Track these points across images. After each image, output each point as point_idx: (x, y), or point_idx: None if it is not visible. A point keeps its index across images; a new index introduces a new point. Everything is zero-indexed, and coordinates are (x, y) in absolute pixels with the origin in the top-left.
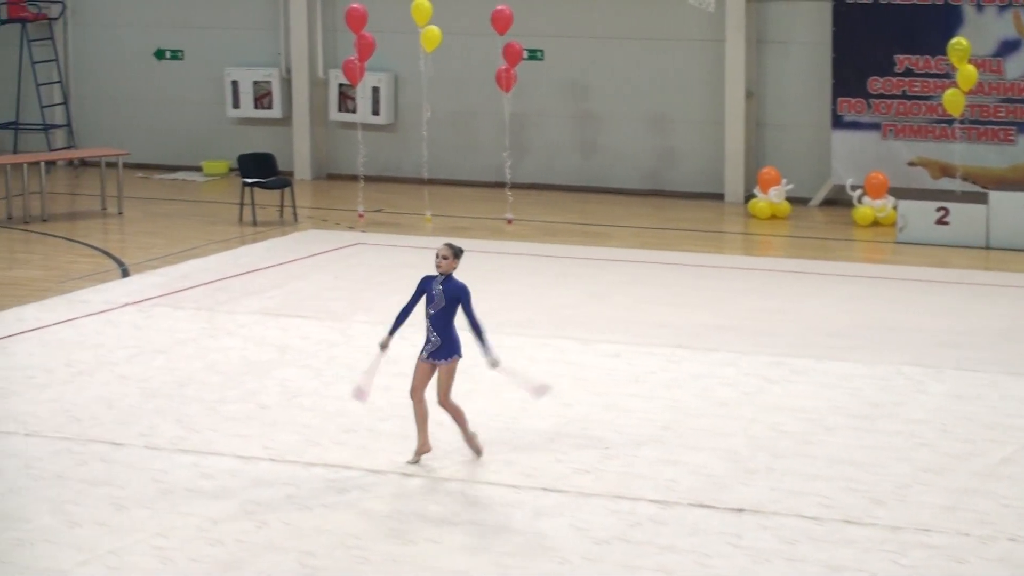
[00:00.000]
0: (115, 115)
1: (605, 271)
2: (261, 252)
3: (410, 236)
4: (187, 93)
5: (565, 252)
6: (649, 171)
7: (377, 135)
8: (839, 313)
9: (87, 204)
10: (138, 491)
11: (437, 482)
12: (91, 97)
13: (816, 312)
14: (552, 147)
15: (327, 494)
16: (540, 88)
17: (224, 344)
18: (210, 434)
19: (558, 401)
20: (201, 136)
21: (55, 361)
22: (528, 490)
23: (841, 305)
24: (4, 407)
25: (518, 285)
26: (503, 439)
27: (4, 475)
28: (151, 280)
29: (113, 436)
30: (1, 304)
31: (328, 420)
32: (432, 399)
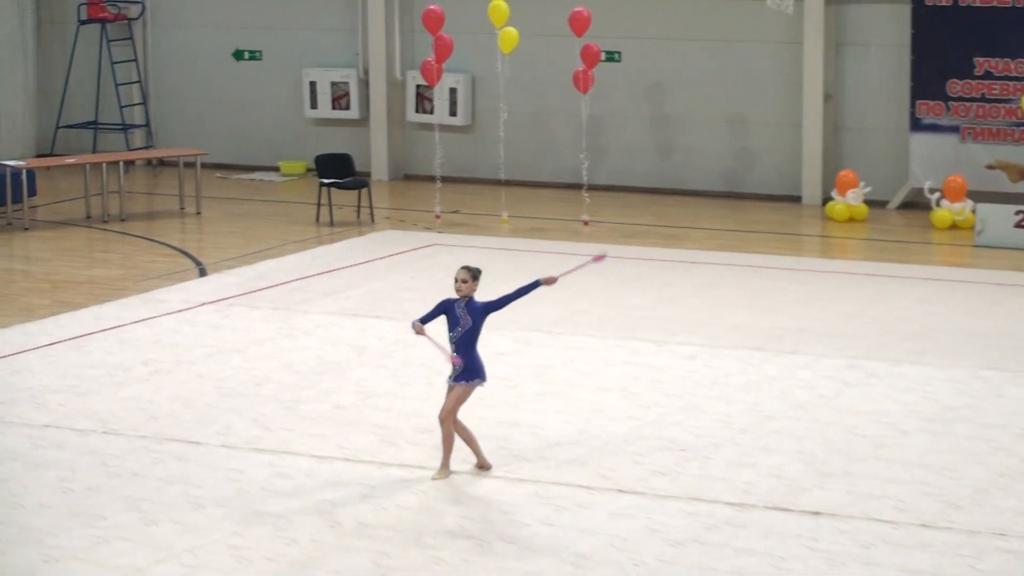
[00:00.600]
0: (193, 115)
1: (681, 273)
2: (338, 252)
3: (486, 237)
4: (265, 94)
5: (641, 254)
6: (726, 173)
7: (454, 136)
8: (916, 316)
9: (165, 204)
10: (214, 490)
11: (512, 483)
12: (170, 97)
13: (893, 315)
14: (629, 149)
15: (402, 494)
16: (617, 90)
17: (300, 344)
18: (286, 434)
19: (634, 403)
20: (279, 136)
21: (133, 360)
22: (603, 491)
23: (918, 308)
24: (82, 405)
25: (593, 286)
26: (578, 440)
27: (82, 473)
28: (228, 280)
29: (190, 435)
30: (80, 303)
31: (403, 420)
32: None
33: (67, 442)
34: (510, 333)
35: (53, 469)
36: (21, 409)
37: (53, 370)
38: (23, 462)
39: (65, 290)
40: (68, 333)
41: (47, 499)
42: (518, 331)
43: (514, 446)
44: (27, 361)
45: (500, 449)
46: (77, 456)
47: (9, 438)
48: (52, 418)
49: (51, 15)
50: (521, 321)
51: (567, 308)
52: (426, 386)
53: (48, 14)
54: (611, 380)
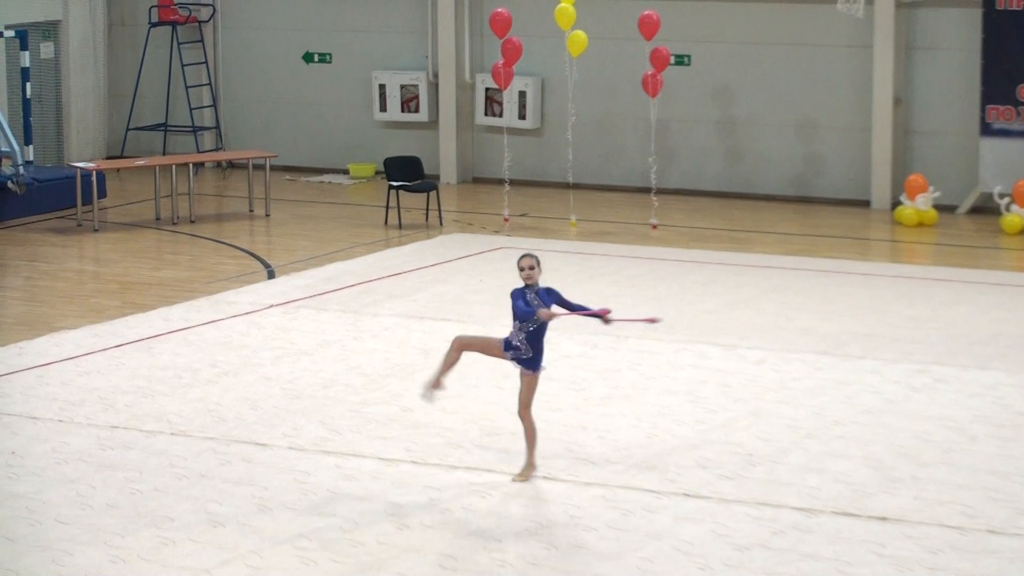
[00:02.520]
0: (263, 117)
1: (750, 277)
2: (406, 255)
3: (555, 240)
4: (334, 96)
5: (710, 258)
6: (795, 177)
7: (523, 139)
8: (985, 322)
9: (234, 206)
10: (281, 492)
11: (579, 487)
12: (240, 99)
13: (962, 320)
14: (697, 153)
15: (468, 497)
16: (686, 93)
17: (368, 346)
18: (353, 436)
19: (701, 407)
20: (348, 139)
21: (201, 361)
22: (670, 496)
23: (987, 314)
24: (150, 406)
25: (661, 290)
26: (645, 444)
27: (149, 474)
28: (297, 282)
29: (257, 436)
30: (148, 304)
31: (470, 423)
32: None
33: (135, 443)
34: (577, 336)
35: (121, 470)
36: (90, 410)
37: (121, 371)
38: (91, 463)
39: (134, 291)
40: (137, 335)
41: (115, 500)
42: (585, 334)
43: (581, 450)
44: (96, 362)
45: (567, 453)
46: (145, 457)
47: (78, 439)
48: (120, 419)
49: (122, 17)
50: (588, 324)
51: (634, 312)
52: (493, 388)
53: (119, 16)
54: (678, 384)
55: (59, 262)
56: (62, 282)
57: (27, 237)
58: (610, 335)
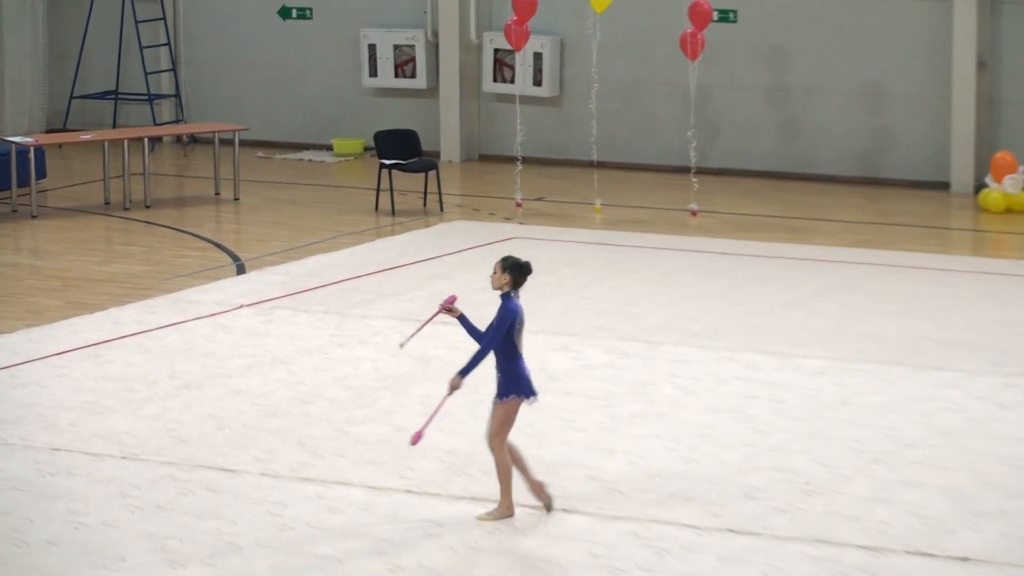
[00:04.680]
0: (231, 84)
1: (807, 273)
2: (400, 246)
3: (576, 229)
4: (316, 59)
5: (760, 250)
6: (861, 155)
7: (539, 110)
8: None
9: (197, 188)
10: (252, 527)
11: (606, 520)
12: (204, 63)
13: None
14: (746, 125)
15: (474, 533)
16: (732, 55)
17: (355, 354)
18: (338, 460)
19: (750, 427)
20: (332, 110)
21: (158, 372)
22: (713, 532)
23: None
24: (98, 425)
25: (702, 288)
26: (683, 471)
27: (97, 505)
28: (271, 278)
29: (224, 461)
30: (96, 303)
31: (477, 445)
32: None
33: (80, 468)
34: (603, 342)
35: (63, 500)
36: (27, 429)
37: (64, 384)
38: (29, 492)
39: (79, 289)
40: (82, 340)
41: (56, 535)
42: (613, 340)
43: (608, 477)
44: (34, 372)
45: (591, 480)
46: (91, 485)
47: (13, 463)
48: (63, 440)
49: None
50: (616, 328)
51: (671, 313)
52: None
53: None
54: (723, 399)
55: None
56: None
57: None
58: (643, 342)
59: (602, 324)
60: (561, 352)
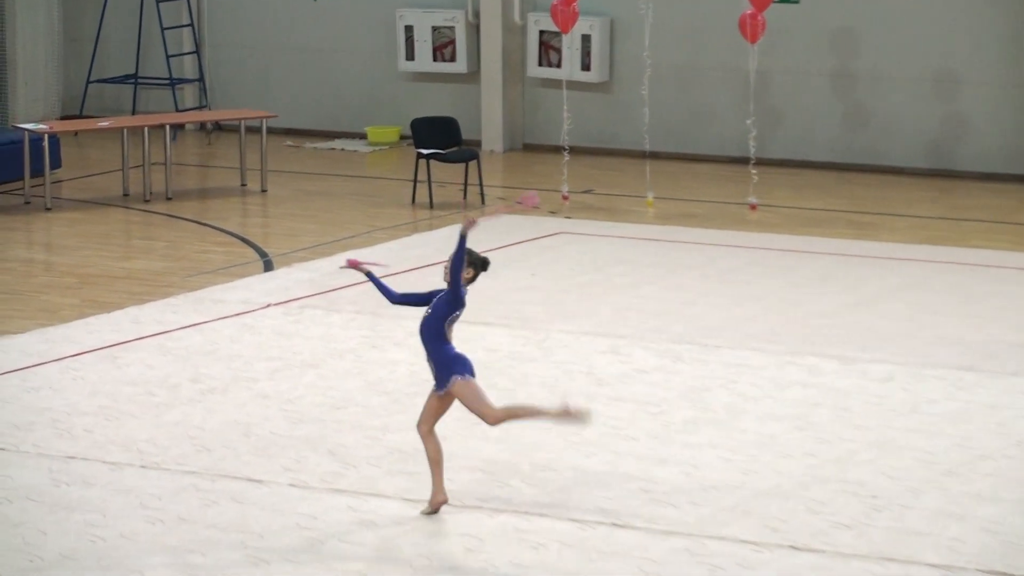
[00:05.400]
0: (259, 68)
1: (875, 271)
2: (438, 242)
3: (627, 224)
4: (349, 41)
5: (824, 247)
6: (932, 145)
7: (587, 96)
8: None
9: (222, 179)
10: (280, 540)
11: (657, 536)
12: (229, 45)
13: None
14: (809, 114)
15: (516, 547)
16: (795, 38)
17: (390, 357)
18: (371, 470)
19: (812, 436)
20: (365, 95)
21: (180, 375)
22: (772, 548)
23: None
24: (116, 431)
25: (762, 287)
26: (740, 482)
27: (115, 516)
28: (300, 275)
29: (250, 471)
30: (114, 302)
31: (520, 454)
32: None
33: (97, 478)
34: (655, 345)
35: (79, 511)
36: (40, 435)
37: (80, 387)
38: (42, 503)
39: (96, 287)
40: (99, 341)
41: (71, 549)
42: (665, 343)
43: (660, 488)
44: (48, 375)
45: (642, 492)
46: (109, 496)
47: (25, 472)
48: (78, 448)
49: None
50: (670, 330)
51: (728, 314)
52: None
53: None
54: (783, 407)
55: (1, 249)
56: (4, 275)
57: None
58: (698, 344)
59: (654, 325)
60: (610, 355)
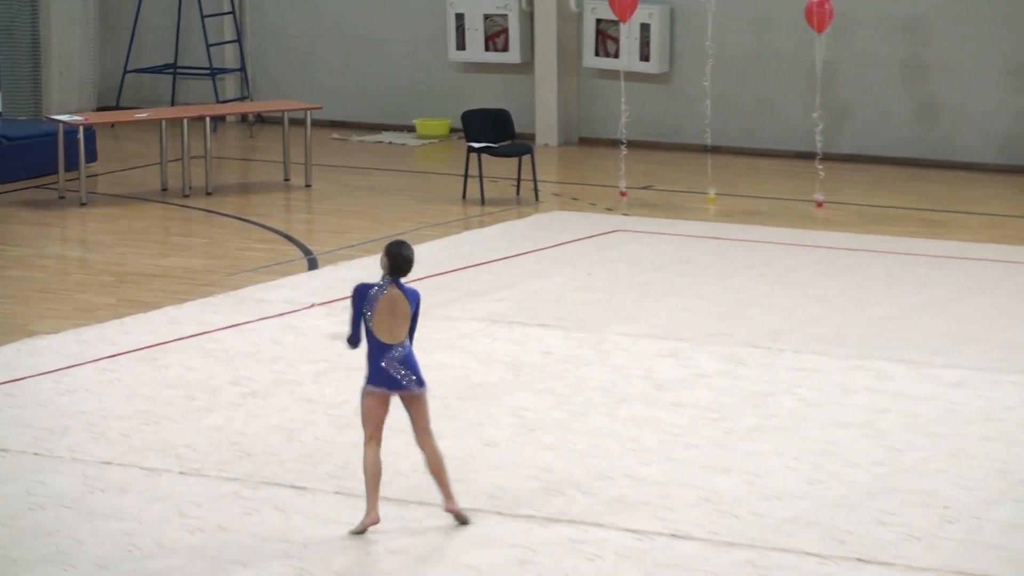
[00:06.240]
0: (302, 57)
1: (945, 272)
2: (490, 239)
3: (687, 222)
4: (397, 29)
5: (893, 246)
6: (1006, 140)
7: (646, 87)
8: None
9: (264, 173)
10: (325, 551)
11: (719, 547)
12: (272, 33)
13: None
14: (878, 107)
15: (571, 559)
16: (864, 28)
17: (440, 360)
18: (419, 478)
19: (881, 444)
20: (415, 86)
21: (220, 378)
22: (839, 561)
23: None
24: (153, 436)
25: (828, 288)
26: (805, 492)
27: (152, 525)
28: (346, 274)
29: (294, 478)
30: (152, 301)
31: (576, 462)
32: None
33: (133, 484)
34: (716, 348)
35: (115, 520)
36: (75, 440)
37: (117, 390)
38: (77, 510)
39: (133, 285)
40: (136, 341)
41: (106, 559)
42: (728, 346)
43: (721, 498)
44: (83, 377)
45: (703, 502)
46: (146, 503)
47: (59, 478)
48: (114, 453)
49: None
50: (732, 333)
51: (792, 316)
52: (605, 417)
53: None
54: (851, 413)
55: (35, 245)
56: (38, 272)
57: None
58: (761, 348)
59: (715, 328)
60: (669, 359)
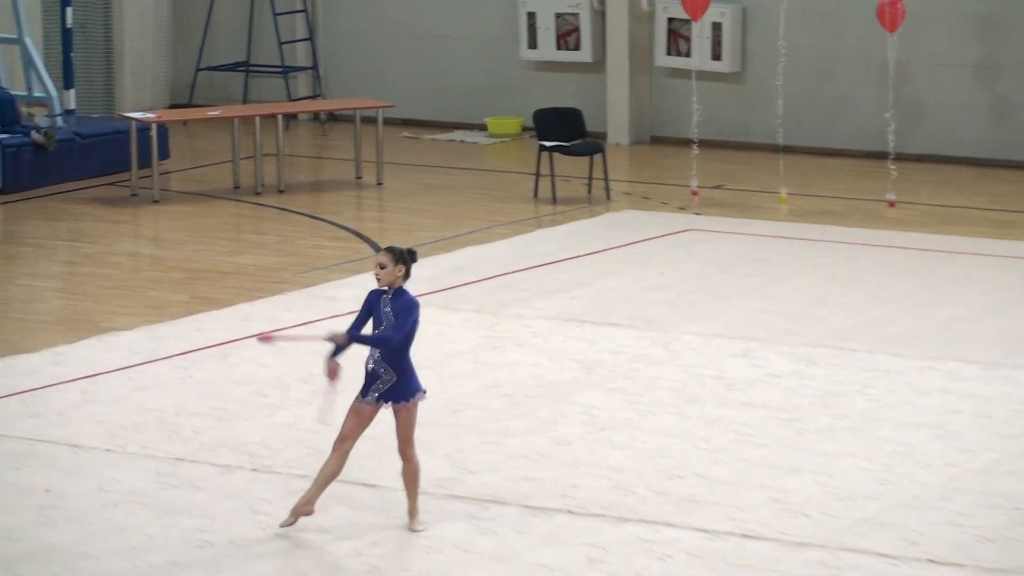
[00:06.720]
0: (375, 56)
1: (1019, 273)
2: (561, 238)
3: (759, 221)
4: (469, 28)
5: (966, 247)
6: None
7: (717, 86)
8: None
9: (336, 171)
10: (396, 549)
11: (788, 548)
12: (344, 32)
13: None
14: (952, 106)
15: (642, 558)
16: (937, 27)
17: (511, 358)
18: (490, 476)
19: (953, 445)
20: (486, 85)
21: (291, 375)
22: (910, 562)
23: None
24: (225, 433)
25: (899, 289)
26: (877, 493)
27: (224, 522)
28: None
29: (365, 476)
30: (224, 298)
31: (647, 461)
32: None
33: (205, 481)
34: (788, 348)
35: (187, 516)
36: (147, 437)
37: (188, 387)
38: (149, 506)
39: (205, 282)
40: (208, 339)
41: (179, 556)
42: (799, 346)
43: (792, 499)
44: (155, 374)
45: (773, 502)
46: (218, 500)
47: (132, 474)
48: (187, 449)
49: None
50: (804, 333)
51: (865, 316)
52: (676, 416)
53: None
54: (923, 414)
55: (108, 242)
56: (111, 269)
57: (67, 209)
58: (833, 348)
59: (787, 328)
60: (741, 359)
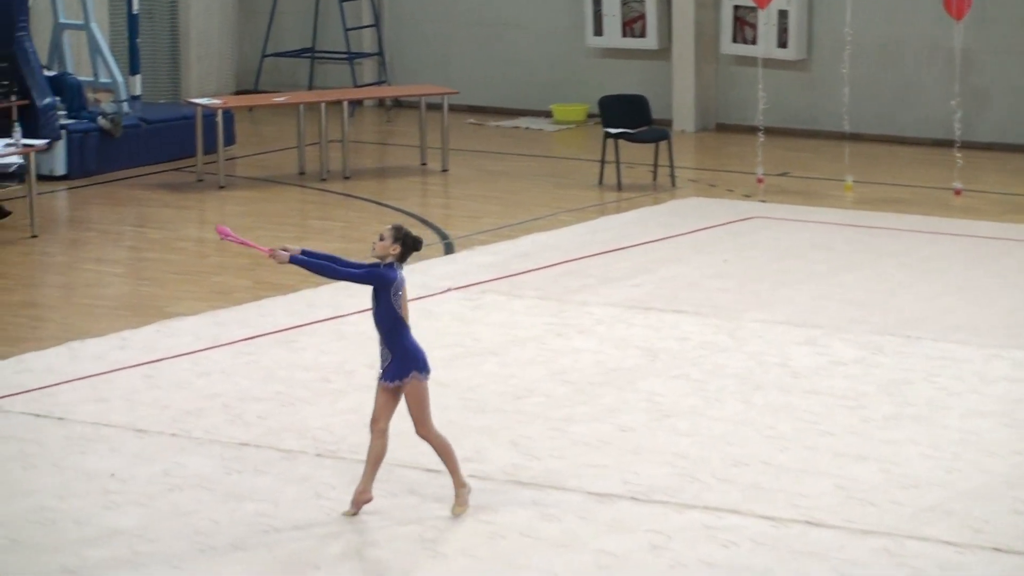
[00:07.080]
0: (440, 42)
1: None
2: (627, 225)
3: (824, 209)
4: (534, 15)
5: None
6: None
7: (783, 74)
8: None
9: (401, 157)
10: (460, 535)
11: (853, 535)
12: (410, 18)
13: None
14: (1018, 94)
15: (706, 545)
16: (1005, 14)
17: (575, 345)
18: (554, 463)
19: (1020, 433)
20: (551, 72)
21: (355, 361)
22: (975, 550)
23: None
24: (289, 418)
25: (965, 277)
26: (943, 480)
27: (288, 507)
28: (481, 259)
29: (428, 461)
30: (289, 284)
31: (711, 448)
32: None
33: (270, 466)
34: (854, 336)
35: (251, 501)
36: (211, 422)
37: (253, 372)
38: (213, 491)
39: (270, 268)
40: (272, 324)
41: (243, 540)
42: (865, 334)
43: (858, 486)
44: (220, 359)
45: (839, 490)
46: (282, 485)
47: (196, 459)
48: (251, 434)
49: None
50: (870, 321)
51: (931, 305)
52: (741, 404)
53: None
54: (989, 402)
55: (173, 228)
56: (177, 254)
57: (133, 195)
58: (899, 336)
59: (853, 316)
60: (806, 346)
